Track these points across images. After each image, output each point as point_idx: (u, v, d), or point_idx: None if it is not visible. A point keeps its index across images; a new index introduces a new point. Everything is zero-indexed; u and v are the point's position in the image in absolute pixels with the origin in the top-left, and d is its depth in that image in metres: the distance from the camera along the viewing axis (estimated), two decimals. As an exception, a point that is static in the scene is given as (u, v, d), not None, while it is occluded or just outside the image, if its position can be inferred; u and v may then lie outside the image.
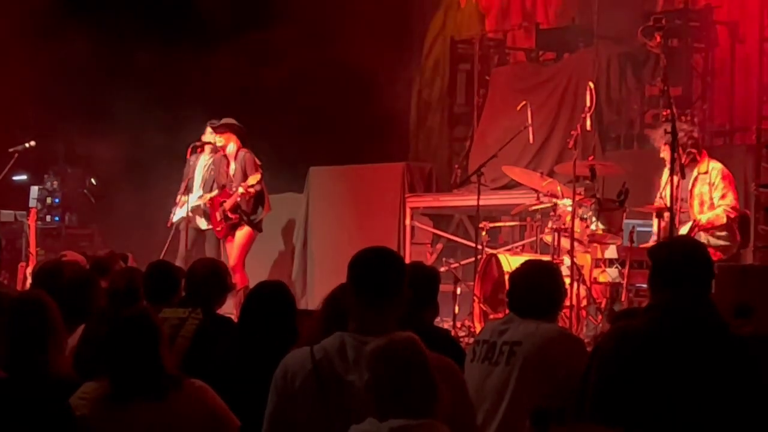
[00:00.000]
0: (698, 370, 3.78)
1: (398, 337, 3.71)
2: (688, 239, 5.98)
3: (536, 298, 5.00)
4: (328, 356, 3.69)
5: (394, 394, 3.56)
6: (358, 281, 3.79)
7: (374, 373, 3.59)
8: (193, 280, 6.09)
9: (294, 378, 3.73)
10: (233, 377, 4.65)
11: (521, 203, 9.92)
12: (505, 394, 4.78)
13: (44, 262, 7.74)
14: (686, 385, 3.77)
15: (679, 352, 3.80)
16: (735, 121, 11.92)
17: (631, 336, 3.91)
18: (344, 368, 3.66)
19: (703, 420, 3.75)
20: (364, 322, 3.73)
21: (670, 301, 3.93)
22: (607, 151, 11.64)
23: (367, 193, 13.22)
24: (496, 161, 10.24)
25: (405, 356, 3.62)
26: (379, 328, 3.71)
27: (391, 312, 3.77)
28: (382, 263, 3.81)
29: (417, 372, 3.58)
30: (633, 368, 3.82)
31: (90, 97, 12.72)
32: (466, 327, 10.03)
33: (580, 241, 8.93)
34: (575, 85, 11.93)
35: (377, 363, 3.61)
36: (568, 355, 4.81)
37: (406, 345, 3.68)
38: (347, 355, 3.67)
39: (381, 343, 3.65)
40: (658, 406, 3.76)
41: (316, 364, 3.68)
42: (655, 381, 3.78)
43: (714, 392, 3.77)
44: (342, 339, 3.72)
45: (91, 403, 4.17)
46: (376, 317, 3.74)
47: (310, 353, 3.73)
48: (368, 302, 3.75)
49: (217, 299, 6.12)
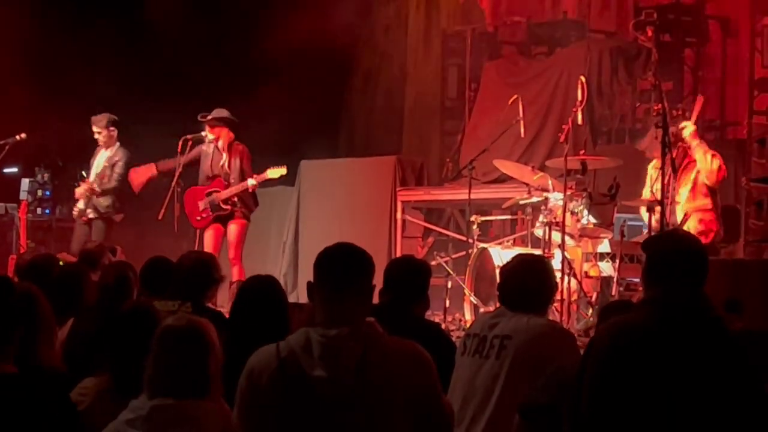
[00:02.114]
0: (695, 364, 3.77)
1: (182, 321, 3.86)
2: (682, 233, 5.98)
3: (527, 291, 5.00)
4: (294, 353, 3.67)
5: (164, 373, 3.74)
6: (320, 275, 3.79)
7: (152, 352, 3.78)
8: (179, 273, 6.04)
9: (260, 376, 3.71)
10: (224, 371, 4.63)
11: (512, 197, 9.92)
12: (495, 388, 4.77)
13: (34, 256, 7.73)
14: (683, 378, 3.76)
15: (675, 346, 3.79)
16: (726, 115, 11.94)
17: (627, 331, 3.90)
18: (309, 364, 3.64)
19: (699, 414, 3.75)
20: (328, 316, 3.72)
21: (664, 295, 3.92)
22: (599, 145, 11.66)
23: (358, 187, 13.22)
24: (488, 155, 10.24)
25: (179, 338, 3.78)
26: (343, 321, 3.69)
27: (355, 305, 3.75)
28: (343, 257, 3.81)
29: (189, 354, 3.75)
30: (629, 363, 3.81)
31: (83, 89, 12.67)
32: (456, 320, 10.04)
33: (571, 235, 8.94)
34: (567, 79, 11.93)
35: (156, 342, 3.79)
36: (558, 348, 4.82)
37: (185, 328, 3.82)
38: (312, 350, 3.66)
39: (168, 323, 3.84)
40: (654, 401, 3.75)
41: (281, 361, 3.67)
42: (651, 375, 3.77)
43: (711, 386, 3.76)
44: (307, 335, 3.70)
45: (92, 398, 4.17)
46: (340, 311, 3.72)
47: (276, 351, 3.72)
48: (330, 296, 3.74)
49: (205, 291, 6.06)
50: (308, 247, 13.41)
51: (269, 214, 13.39)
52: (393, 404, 3.65)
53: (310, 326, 3.73)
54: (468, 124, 13.57)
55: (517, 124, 10.10)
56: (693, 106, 9.18)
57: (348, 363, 3.63)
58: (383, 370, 3.66)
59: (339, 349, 3.65)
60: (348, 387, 3.61)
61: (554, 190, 9.19)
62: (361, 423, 3.62)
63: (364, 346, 3.67)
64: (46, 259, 7.22)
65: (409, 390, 3.68)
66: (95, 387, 4.23)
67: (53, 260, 7.12)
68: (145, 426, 3.70)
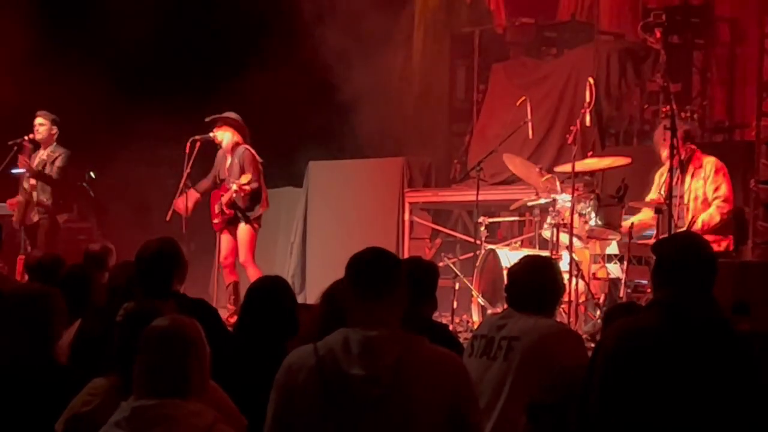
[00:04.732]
0: (703, 367, 3.78)
1: (165, 321, 3.90)
2: (691, 235, 5.97)
3: (534, 293, 5.00)
4: (332, 351, 3.69)
5: (147, 373, 3.80)
6: (357, 279, 3.80)
7: (138, 353, 3.84)
8: (143, 267, 5.71)
9: (297, 373, 3.72)
10: (233, 373, 4.63)
11: (520, 198, 9.91)
12: (503, 390, 4.77)
13: (41, 255, 7.73)
14: (691, 380, 3.76)
15: (684, 348, 3.80)
16: (734, 117, 11.92)
17: (636, 332, 3.90)
18: (348, 362, 3.66)
19: (707, 416, 3.75)
20: (366, 319, 3.74)
21: (673, 298, 3.92)
22: (607, 147, 11.64)
23: (366, 188, 13.22)
24: (496, 156, 10.24)
25: (161, 338, 3.82)
26: (381, 324, 3.72)
27: (392, 308, 3.77)
28: (378, 259, 3.83)
29: (170, 355, 3.79)
30: (637, 365, 3.81)
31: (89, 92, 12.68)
32: (464, 322, 10.04)
33: (579, 236, 8.93)
34: (575, 81, 11.92)
35: (140, 343, 3.85)
36: (566, 350, 4.82)
37: (167, 328, 3.86)
38: (351, 348, 3.68)
39: (152, 323, 3.88)
40: (662, 403, 3.75)
41: (319, 358, 3.69)
42: (660, 377, 3.78)
43: (719, 388, 3.76)
44: (346, 334, 3.72)
45: (101, 398, 4.19)
46: (378, 314, 3.74)
47: (313, 349, 3.74)
48: (368, 300, 3.76)
49: (171, 279, 5.70)
50: (316, 248, 13.41)
51: (277, 215, 13.39)
52: (428, 407, 3.66)
53: (348, 327, 3.75)
54: (476, 125, 13.56)
55: (525, 126, 10.10)
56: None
57: (386, 362, 3.64)
58: (420, 372, 3.67)
59: (379, 348, 3.67)
60: (385, 386, 3.62)
61: (562, 192, 9.19)
62: (395, 422, 3.62)
63: (403, 348, 3.69)
64: (52, 259, 7.23)
65: (445, 397, 3.69)
66: (104, 387, 4.24)
67: (60, 261, 7.13)
68: (128, 426, 3.73)
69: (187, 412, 3.76)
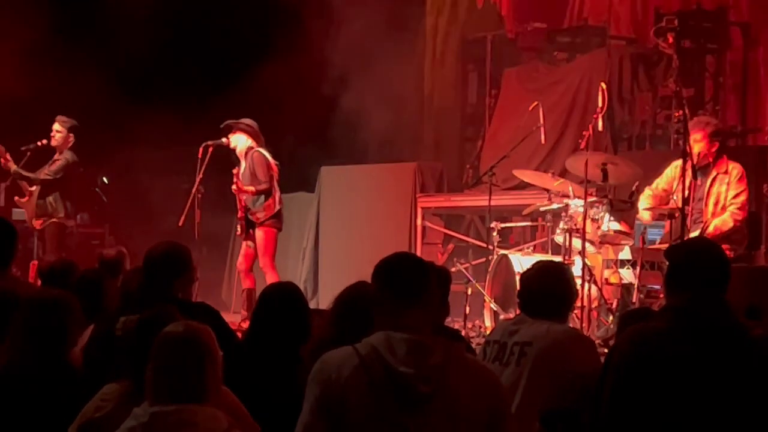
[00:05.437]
0: (717, 372, 3.77)
1: (179, 327, 3.92)
2: (704, 241, 5.96)
3: (547, 298, 5.00)
4: (375, 350, 3.67)
5: (163, 379, 3.82)
6: (392, 283, 3.78)
7: (152, 359, 3.86)
8: (146, 270, 5.73)
9: (340, 370, 3.66)
10: (246, 378, 4.63)
11: (533, 204, 9.90)
12: (515, 395, 4.77)
13: (53, 261, 7.73)
14: (705, 386, 3.76)
15: (698, 353, 3.79)
16: (747, 122, 11.89)
17: (650, 338, 3.89)
18: (394, 360, 3.64)
19: (721, 421, 3.74)
20: (400, 322, 3.72)
21: (687, 303, 3.92)
22: (619, 152, 11.62)
23: (378, 193, 13.22)
24: (508, 162, 10.23)
25: (177, 344, 3.85)
26: (417, 325, 3.71)
27: (426, 310, 3.77)
28: (413, 264, 3.84)
29: (187, 360, 3.82)
30: (651, 370, 3.81)
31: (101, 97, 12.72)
32: (476, 327, 10.03)
33: (591, 241, 8.92)
34: (587, 86, 11.91)
35: (154, 349, 3.86)
36: (578, 356, 4.82)
37: (182, 334, 3.88)
38: (396, 349, 3.65)
39: (166, 329, 3.90)
40: (676, 408, 3.75)
41: (362, 357, 3.66)
42: (674, 383, 3.77)
43: (733, 393, 3.76)
44: (386, 336, 3.70)
45: (113, 404, 4.20)
46: (414, 316, 3.72)
47: (353, 350, 3.70)
48: (405, 303, 3.74)
49: (172, 283, 5.70)
50: (328, 253, 13.41)
51: (289, 221, 13.36)
52: (470, 412, 3.66)
53: (387, 330, 3.73)
54: (488, 130, 13.56)
55: (537, 131, 10.09)
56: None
57: (434, 361, 3.64)
58: (464, 377, 3.68)
59: (426, 349, 3.66)
60: (435, 383, 3.61)
61: (574, 197, 9.18)
62: (442, 423, 3.62)
63: (446, 351, 3.69)
64: (65, 265, 7.23)
65: (484, 405, 3.70)
66: (116, 393, 4.25)
67: (72, 266, 7.13)
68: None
69: (205, 417, 3.77)
